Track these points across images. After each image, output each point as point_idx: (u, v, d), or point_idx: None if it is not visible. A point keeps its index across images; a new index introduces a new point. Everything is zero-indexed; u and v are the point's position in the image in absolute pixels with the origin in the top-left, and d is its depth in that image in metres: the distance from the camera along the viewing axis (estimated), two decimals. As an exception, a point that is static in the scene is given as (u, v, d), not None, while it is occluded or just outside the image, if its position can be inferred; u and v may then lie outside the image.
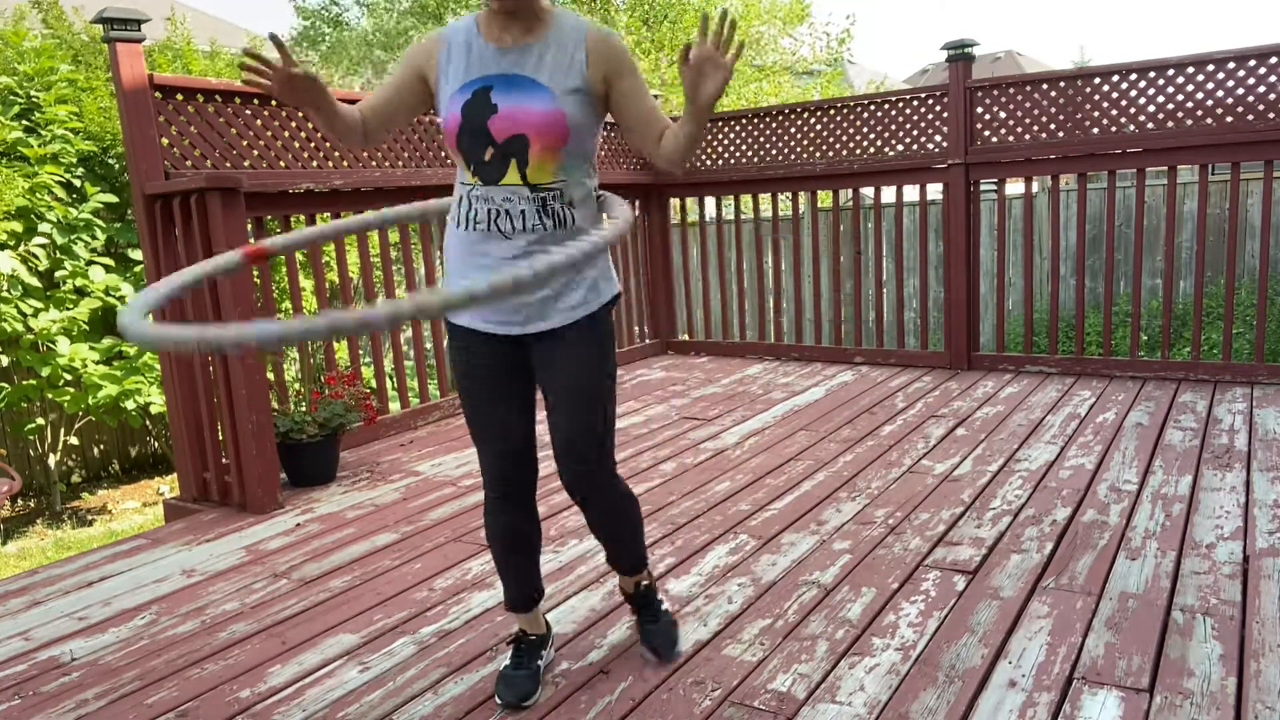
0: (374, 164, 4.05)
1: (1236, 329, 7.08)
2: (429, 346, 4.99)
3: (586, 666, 2.09)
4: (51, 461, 6.13)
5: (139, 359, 5.79)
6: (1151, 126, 4.45)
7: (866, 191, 5.58)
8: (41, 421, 5.95)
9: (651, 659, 2.08)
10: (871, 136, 5.21)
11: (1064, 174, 4.87)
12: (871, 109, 5.21)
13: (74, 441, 6.39)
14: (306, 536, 3.04)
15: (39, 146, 5.73)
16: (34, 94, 5.97)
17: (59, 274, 5.73)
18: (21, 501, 6.20)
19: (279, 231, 4.46)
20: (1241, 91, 4.24)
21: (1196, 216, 4.85)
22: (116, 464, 6.79)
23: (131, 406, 5.70)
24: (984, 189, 6.83)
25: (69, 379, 5.70)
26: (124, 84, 3.15)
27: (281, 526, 3.16)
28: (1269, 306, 7.36)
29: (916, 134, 5.07)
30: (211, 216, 3.17)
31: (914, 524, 2.85)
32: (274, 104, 3.61)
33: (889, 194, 6.38)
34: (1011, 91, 4.77)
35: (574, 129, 1.75)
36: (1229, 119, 4.28)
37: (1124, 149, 4.53)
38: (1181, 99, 4.37)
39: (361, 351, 6.21)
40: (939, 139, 5.00)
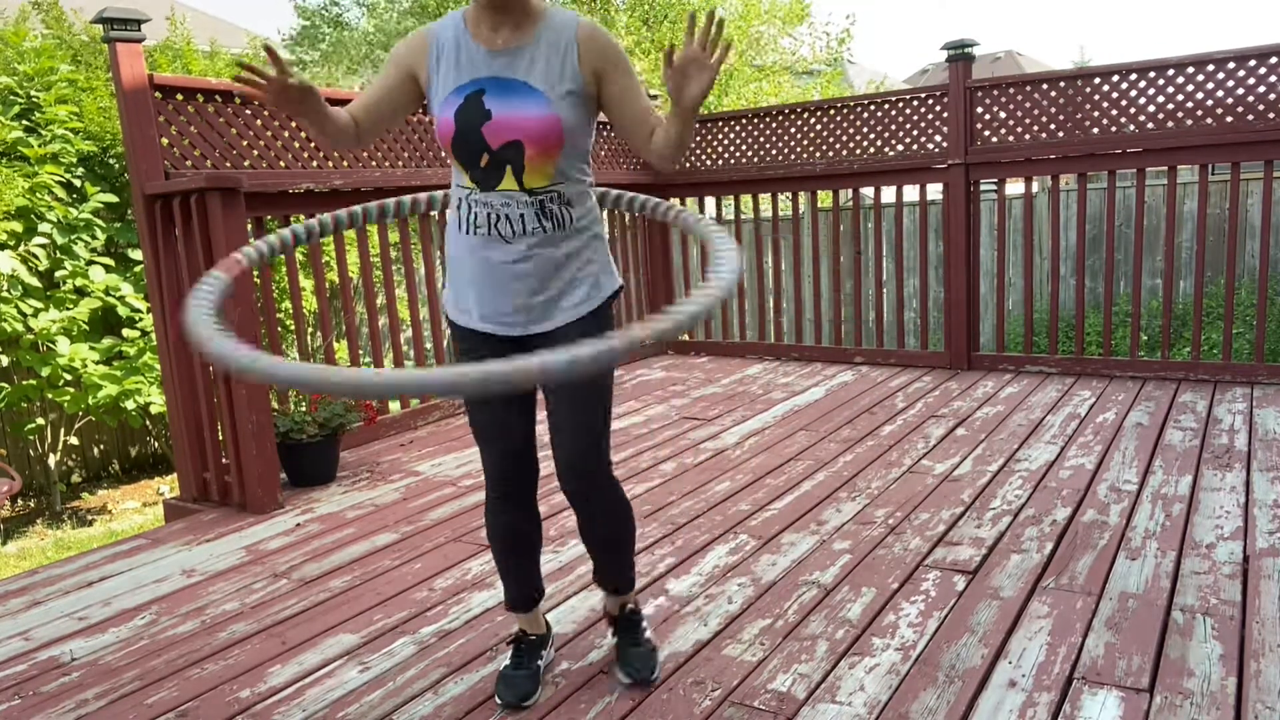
0: (374, 164, 4.05)
1: (1236, 329, 7.08)
2: (429, 347, 4.99)
3: (586, 666, 2.09)
4: (51, 461, 6.13)
5: (139, 359, 5.79)
6: (1151, 126, 4.45)
7: (866, 191, 5.58)
8: (41, 421, 5.95)
9: (625, 682, 1.99)
10: (871, 136, 5.21)
11: (1064, 174, 4.87)
12: (871, 109, 5.21)
13: (74, 441, 6.39)
14: (306, 536, 3.04)
15: (39, 146, 5.73)
16: (34, 94, 5.97)
17: (59, 274, 5.73)
18: (21, 501, 6.20)
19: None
20: (1241, 91, 4.24)
21: (1196, 216, 4.85)
22: (116, 464, 6.79)
23: (131, 406, 5.70)
24: (984, 189, 6.83)
25: (69, 379, 5.70)
26: (124, 84, 3.15)
27: (281, 526, 3.16)
28: (1269, 306, 7.36)
29: (916, 134, 5.07)
30: (211, 216, 3.17)
31: (914, 524, 2.85)
32: (274, 104, 3.61)
33: (889, 194, 6.37)
34: (1011, 91, 4.77)
35: (569, 133, 1.74)
36: (1229, 119, 4.28)
37: (1124, 149, 4.53)
38: (1181, 99, 4.37)
39: (361, 351, 6.21)
40: (939, 139, 5.00)
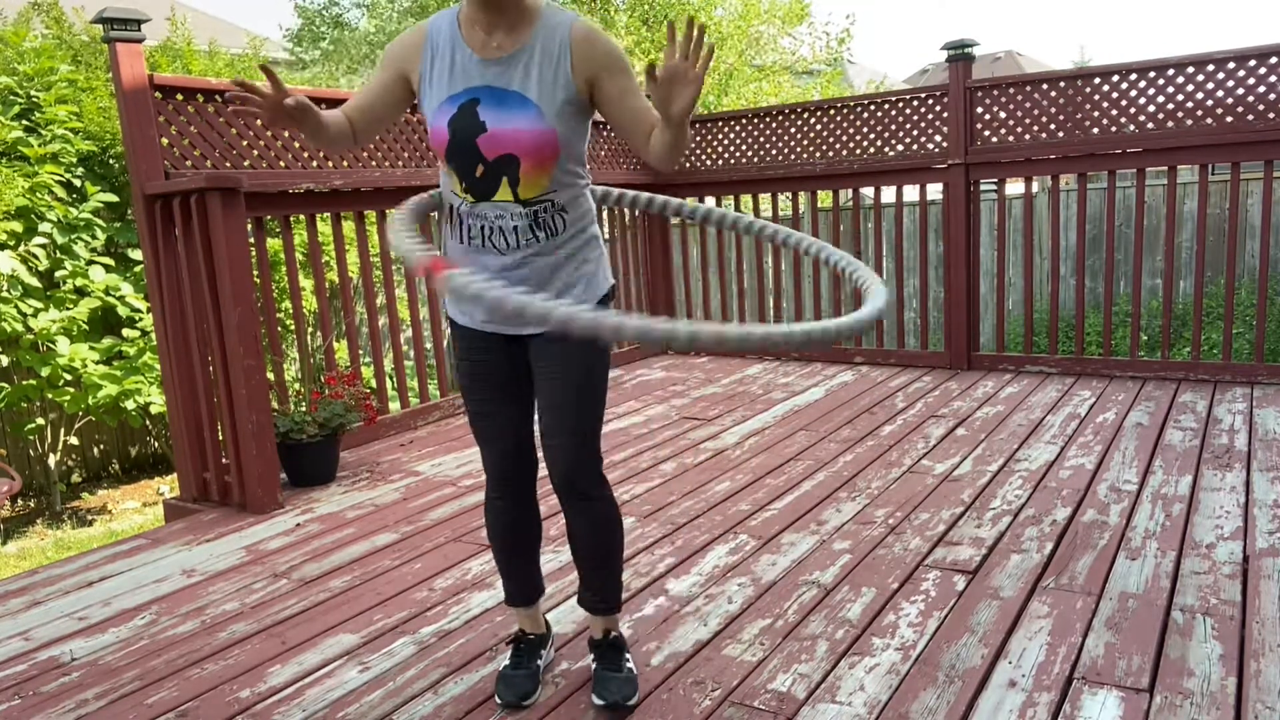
0: (374, 164, 4.05)
1: (1236, 329, 7.08)
2: (429, 346, 4.99)
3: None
4: (51, 461, 6.13)
5: (139, 359, 5.79)
6: (1151, 126, 4.45)
7: (866, 191, 5.58)
8: (41, 421, 5.95)
9: (598, 704, 1.90)
10: (871, 136, 5.21)
11: (1064, 174, 4.87)
12: (871, 109, 5.21)
13: (74, 441, 6.39)
14: (306, 536, 3.04)
15: (39, 146, 5.74)
16: (34, 94, 5.97)
17: (59, 274, 5.73)
18: (21, 501, 6.20)
19: (279, 232, 4.46)
20: (1241, 91, 4.24)
21: (1196, 216, 4.84)
22: (116, 464, 6.79)
23: (131, 406, 5.70)
24: (984, 189, 6.83)
25: (69, 379, 5.70)
26: (124, 84, 3.15)
27: (281, 526, 3.16)
28: (1269, 306, 7.36)
29: (916, 134, 5.07)
30: (211, 216, 3.16)
31: (914, 524, 2.85)
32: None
33: (889, 194, 6.37)
34: (1011, 91, 4.77)
35: (564, 143, 1.72)
36: (1229, 119, 4.28)
37: (1124, 149, 4.53)
38: (1181, 99, 4.37)
39: (361, 351, 6.21)
40: (939, 139, 5.00)
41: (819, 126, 5.39)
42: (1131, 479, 3.15)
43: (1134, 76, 4.46)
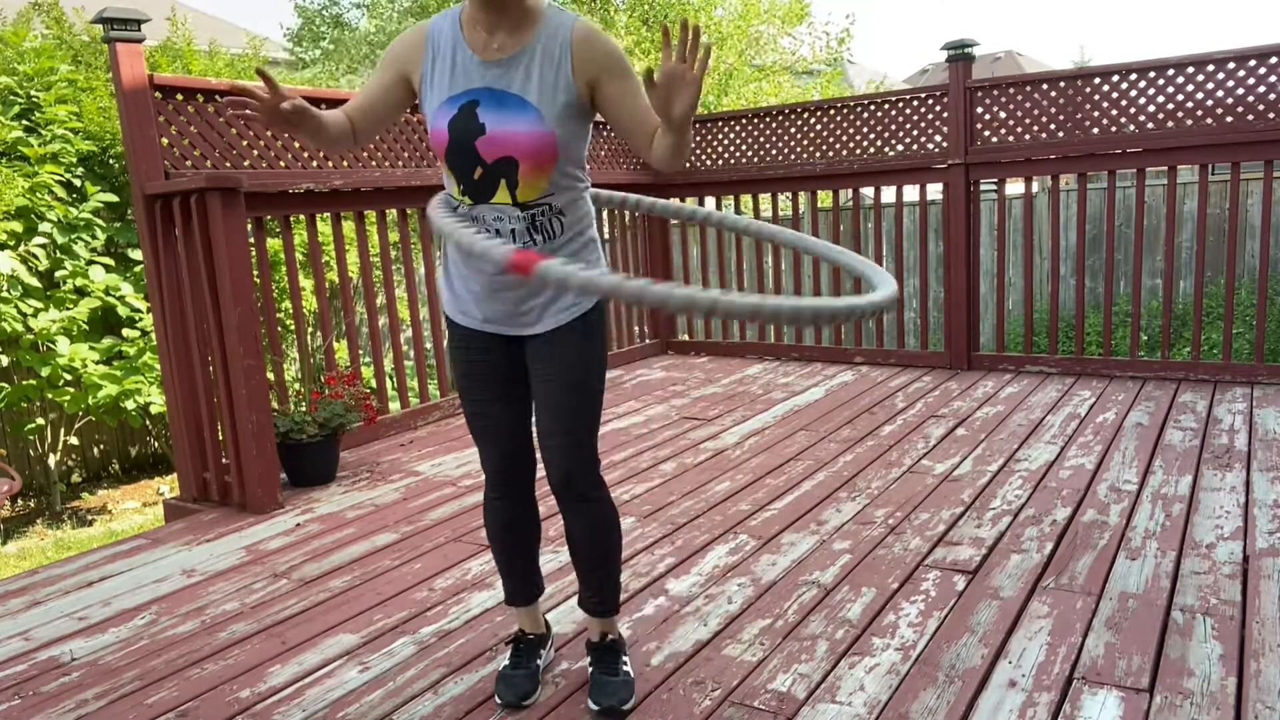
0: (374, 164, 4.05)
1: (1236, 329, 7.08)
2: (429, 346, 4.99)
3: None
4: (51, 461, 6.13)
5: (139, 359, 5.79)
6: (1151, 126, 4.45)
7: (866, 191, 5.59)
8: (41, 421, 5.95)
9: (594, 709, 1.90)
10: (871, 136, 5.21)
11: (1064, 174, 4.87)
12: (871, 109, 5.21)
13: (74, 441, 6.39)
14: (306, 536, 3.04)
15: (39, 146, 5.73)
16: (34, 94, 5.97)
17: (59, 274, 5.73)
18: (21, 501, 6.20)
19: (279, 232, 4.46)
20: (1241, 91, 4.24)
21: (1196, 216, 4.85)
22: (116, 464, 6.78)
23: (131, 406, 5.70)
24: (984, 189, 6.84)
25: (69, 379, 5.70)
26: (124, 84, 3.15)
27: (281, 526, 3.16)
28: (1269, 306, 7.36)
29: (916, 134, 5.07)
30: (211, 216, 3.16)
31: (914, 524, 2.85)
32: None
33: (889, 194, 6.38)
34: (1011, 91, 4.77)
35: (563, 146, 1.71)
36: (1229, 119, 4.28)
37: (1124, 149, 4.53)
38: (1181, 99, 4.37)
39: (361, 351, 6.21)
40: (939, 139, 5.00)
41: (819, 126, 5.39)
42: (1131, 479, 3.15)
43: (1134, 76, 4.46)
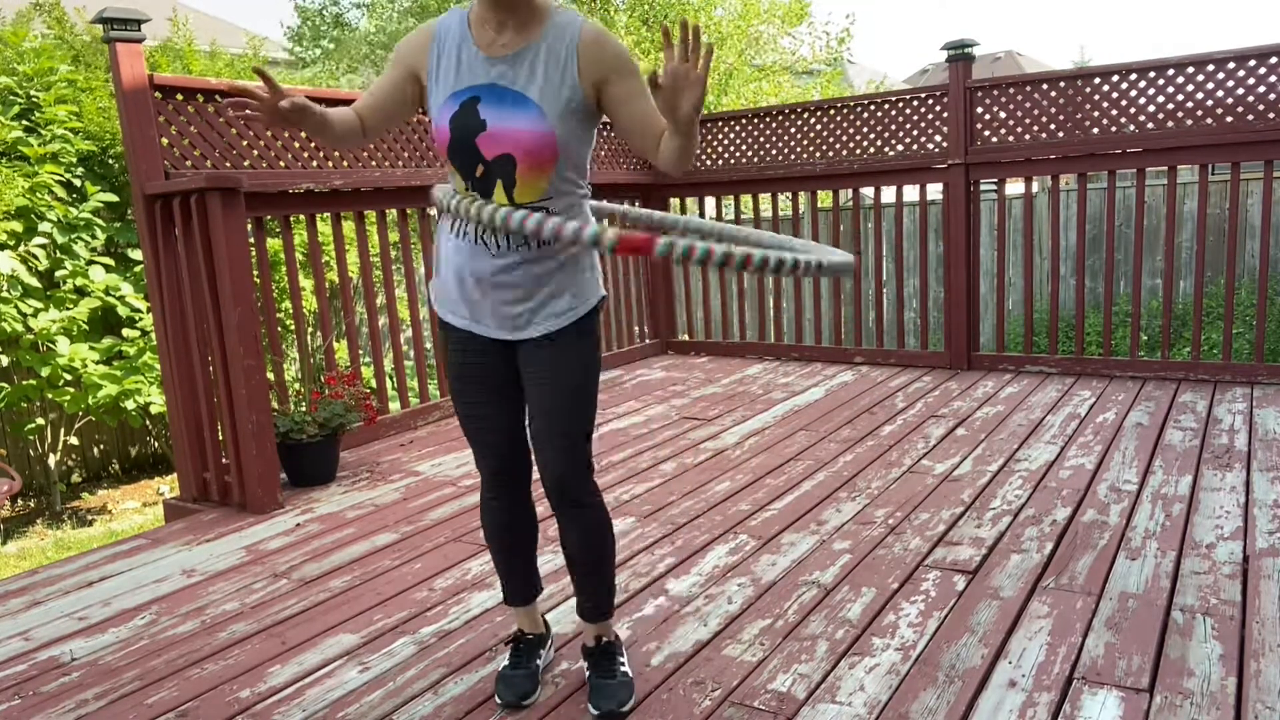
0: (374, 164, 4.05)
1: (1236, 329, 7.08)
2: (429, 347, 4.98)
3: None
4: (51, 461, 6.13)
5: (139, 359, 5.79)
6: (1151, 126, 4.45)
7: (866, 191, 5.59)
8: (41, 421, 5.95)
9: (594, 713, 1.89)
10: (871, 136, 5.21)
11: (1064, 174, 4.87)
12: (871, 109, 5.21)
13: (74, 441, 6.39)
14: (306, 536, 3.04)
15: (39, 146, 5.73)
16: (34, 94, 5.97)
17: (59, 274, 5.73)
18: (21, 501, 6.20)
19: (279, 232, 4.46)
20: (1241, 91, 4.24)
21: (1196, 216, 4.85)
22: (116, 464, 6.78)
23: (131, 406, 5.70)
24: (984, 189, 6.84)
25: (69, 379, 5.70)
26: (124, 84, 3.15)
27: (281, 526, 3.16)
28: (1269, 306, 7.36)
29: (916, 134, 5.07)
30: (211, 216, 3.17)
31: (914, 524, 2.85)
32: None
33: (889, 194, 6.38)
34: (1011, 91, 4.77)
35: (564, 147, 1.70)
36: (1229, 119, 4.28)
37: (1124, 149, 4.53)
38: (1181, 99, 4.37)
39: (361, 351, 6.21)
40: (939, 139, 5.00)
41: (819, 126, 5.39)
42: (1131, 479, 3.15)
43: (1134, 76, 4.46)
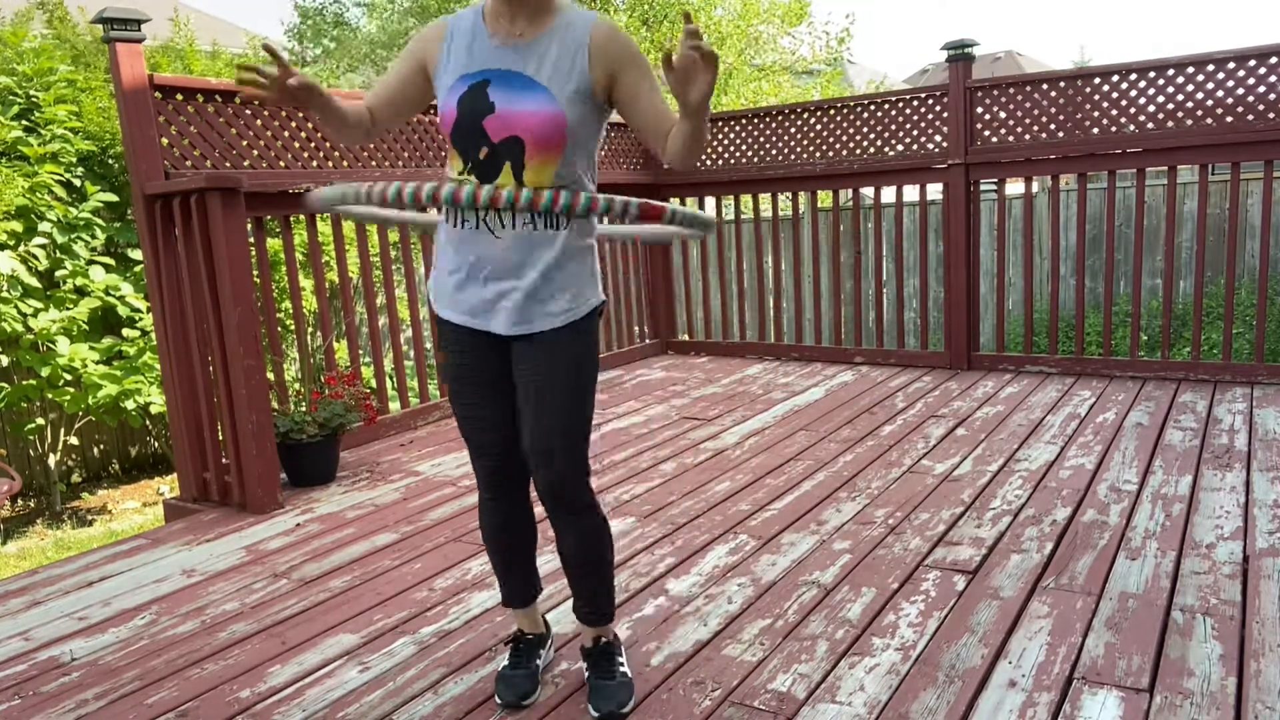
0: (374, 164, 4.05)
1: (1236, 329, 7.08)
2: (429, 347, 4.98)
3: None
4: (51, 461, 6.13)
5: (139, 359, 5.79)
6: (1151, 126, 4.45)
7: (866, 191, 5.59)
8: (41, 421, 5.95)
9: (594, 715, 1.89)
10: (871, 136, 5.21)
11: (1064, 174, 4.87)
12: (871, 109, 5.21)
13: (74, 441, 6.39)
14: (306, 536, 3.04)
15: (39, 146, 5.74)
16: (33, 94, 5.97)
17: (59, 274, 5.73)
18: (21, 501, 6.20)
19: (279, 232, 4.46)
20: (1241, 91, 4.24)
21: (1196, 216, 4.85)
22: (116, 464, 6.79)
23: (131, 406, 5.70)
24: (984, 189, 6.84)
25: (69, 379, 5.70)
26: (124, 84, 3.15)
27: (281, 526, 3.16)
28: (1269, 306, 7.36)
29: (916, 134, 5.07)
30: (211, 216, 3.16)
31: (914, 524, 2.85)
32: (274, 104, 3.61)
33: (889, 194, 6.38)
34: (1011, 91, 4.77)
35: (572, 133, 1.70)
36: (1229, 119, 4.28)
37: (1124, 149, 4.53)
38: (1181, 99, 4.37)
39: (361, 351, 6.21)
40: (939, 139, 5.00)
41: (819, 126, 5.39)
42: (1131, 479, 3.15)
43: (1134, 76, 4.46)
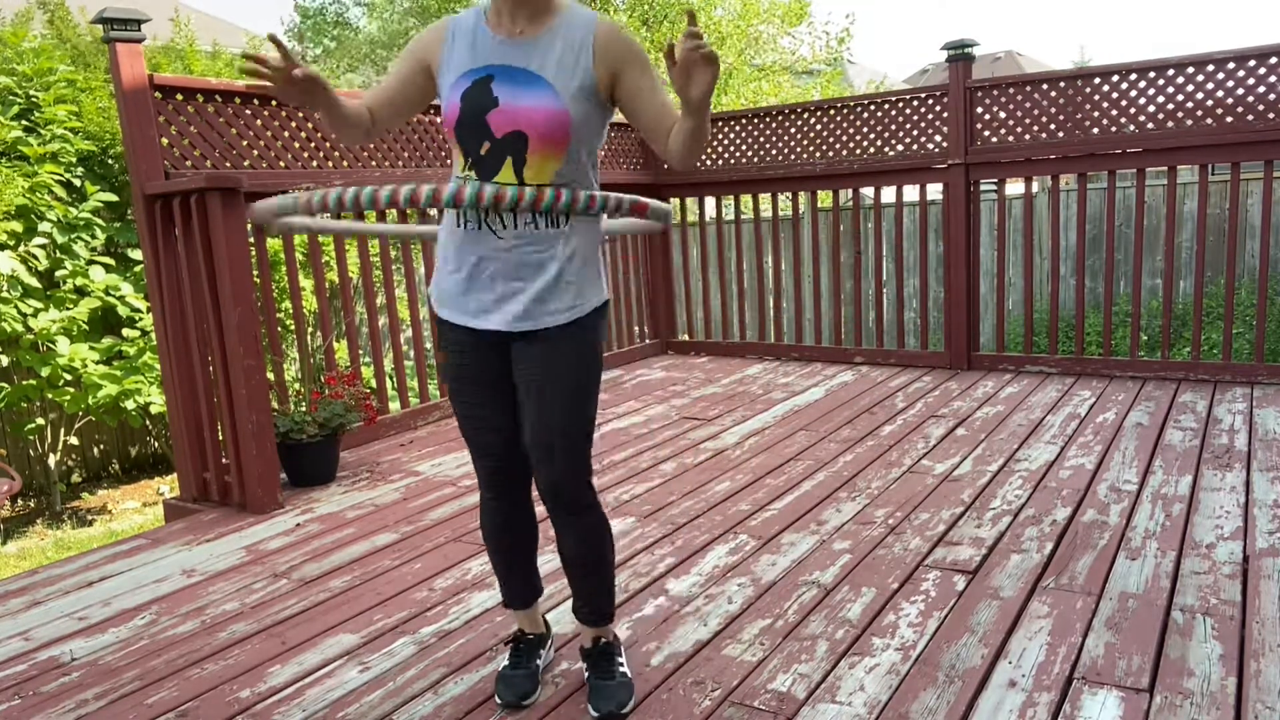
0: (374, 164, 4.05)
1: (1236, 329, 7.08)
2: (429, 347, 4.98)
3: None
4: (51, 461, 6.13)
5: (139, 359, 5.79)
6: (1151, 126, 4.45)
7: (866, 191, 5.59)
8: (41, 421, 5.95)
9: (594, 715, 1.89)
10: (871, 136, 5.22)
11: (1064, 174, 4.87)
12: (871, 109, 5.21)
13: (74, 441, 6.39)
14: (306, 536, 3.04)
15: (38, 146, 5.74)
16: (33, 94, 5.97)
17: (59, 274, 5.73)
18: (21, 501, 6.20)
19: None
20: (1241, 91, 4.24)
21: (1196, 216, 4.85)
22: (116, 464, 6.79)
23: (131, 406, 5.70)
24: (984, 189, 6.84)
25: (69, 379, 5.70)
26: (124, 84, 3.15)
27: (281, 526, 3.16)
28: (1269, 306, 7.36)
29: (916, 134, 5.07)
30: (211, 216, 3.17)
31: (914, 524, 2.85)
32: (274, 103, 3.61)
33: (889, 194, 6.38)
34: (1011, 91, 4.77)
35: (576, 129, 1.70)
36: (1229, 119, 4.28)
37: (1124, 149, 4.53)
38: (1181, 99, 4.37)
39: (361, 351, 6.21)
40: (939, 139, 5.00)
41: (819, 126, 5.39)
42: (1131, 479, 3.15)
43: (1134, 76, 4.46)
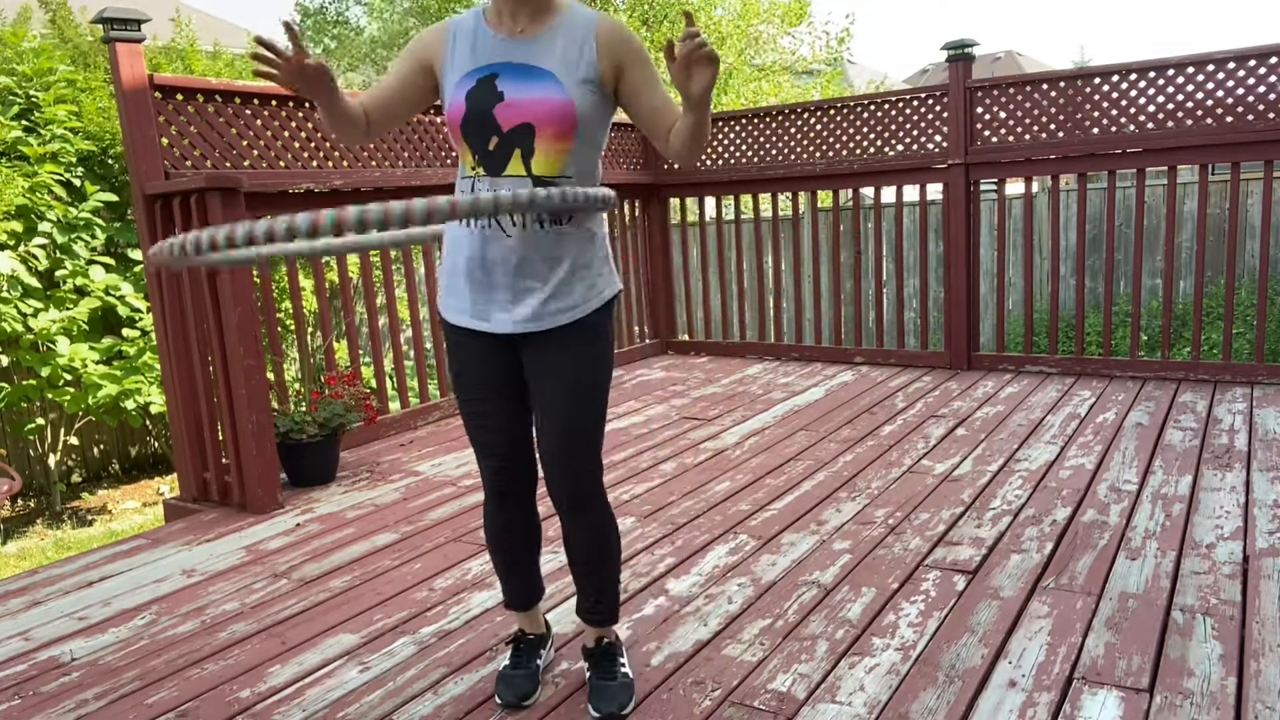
0: (374, 164, 4.05)
1: (1236, 329, 7.08)
2: (429, 346, 4.99)
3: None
4: (51, 461, 6.13)
5: (139, 359, 5.79)
6: (1151, 126, 4.45)
7: (866, 191, 5.59)
8: (41, 421, 5.94)
9: (594, 716, 1.88)
10: (871, 136, 5.21)
11: (1064, 174, 4.87)
12: (871, 109, 5.21)
13: (74, 441, 6.39)
14: (306, 536, 3.04)
15: (38, 146, 5.73)
16: (33, 94, 5.97)
17: (59, 274, 5.73)
18: (21, 501, 6.20)
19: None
20: (1241, 91, 4.24)
21: (1196, 216, 4.85)
22: (116, 464, 6.78)
23: (131, 406, 5.70)
24: (984, 189, 6.83)
25: (69, 379, 5.70)
26: (124, 84, 3.15)
27: (281, 526, 3.16)
28: (1269, 306, 7.36)
29: (916, 134, 5.07)
30: (211, 216, 3.16)
31: (914, 524, 2.85)
32: (274, 103, 3.61)
33: (889, 194, 6.38)
34: (1011, 91, 4.77)
35: (583, 120, 1.71)
36: (1229, 119, 4.28)
37: (1124, 149, 4.53)
38: (1181, 99, 4.37)
39: (361, 351, 6.21)
40: (939, 139, 5.00)
41: (819, 126, 5.39)
42: (1131, 479, 3.15)
43: (1134, 76, 4.46)
